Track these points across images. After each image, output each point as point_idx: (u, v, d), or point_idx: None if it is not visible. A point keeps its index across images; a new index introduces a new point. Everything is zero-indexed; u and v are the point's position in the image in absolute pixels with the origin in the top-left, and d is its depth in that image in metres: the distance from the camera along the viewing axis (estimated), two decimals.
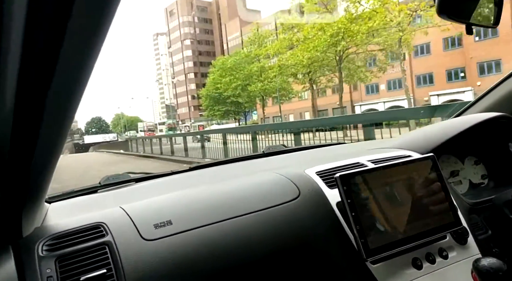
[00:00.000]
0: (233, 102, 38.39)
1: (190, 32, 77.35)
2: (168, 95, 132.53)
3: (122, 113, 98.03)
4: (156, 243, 0.76)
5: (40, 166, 0.56)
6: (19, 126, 0.44)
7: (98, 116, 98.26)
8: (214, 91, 38.85)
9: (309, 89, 29.93)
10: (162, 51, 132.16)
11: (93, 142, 72.32)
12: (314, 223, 0.91)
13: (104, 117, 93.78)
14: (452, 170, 1.33)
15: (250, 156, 1.50)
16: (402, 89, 25.85)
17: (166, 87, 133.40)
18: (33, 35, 0.33)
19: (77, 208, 0.96)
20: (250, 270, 0.80)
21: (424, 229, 0.92)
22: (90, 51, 0.38)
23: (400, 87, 29.77)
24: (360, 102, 35.26)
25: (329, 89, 34.45)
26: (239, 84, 35.82)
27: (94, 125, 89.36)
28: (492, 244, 1.07)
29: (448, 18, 0.87)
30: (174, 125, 55.16)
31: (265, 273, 0.82)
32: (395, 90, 32.38)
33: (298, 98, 37.63)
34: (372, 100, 34.58)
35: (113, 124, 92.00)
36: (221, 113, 40.50)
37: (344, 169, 1.05)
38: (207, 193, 0.97)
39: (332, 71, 26.73)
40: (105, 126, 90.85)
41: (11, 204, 0.62)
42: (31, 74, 0.37)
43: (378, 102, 33.28)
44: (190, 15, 76.39)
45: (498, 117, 1.27)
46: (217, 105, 39.78)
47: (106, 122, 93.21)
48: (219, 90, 38.10)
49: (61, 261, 0.70)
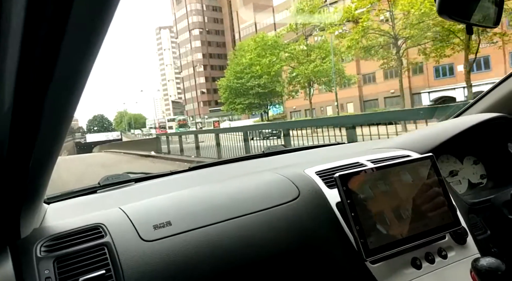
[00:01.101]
0: (257, 94, 33.27)
1: (198, 21, 70.37)
2: (172, 91, 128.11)
3: (125, 110, 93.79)
4: (155, 244, 0.76)
5: (39, 166, 0.56)
6: (18, 126, 0.44)
7: (100, 113, 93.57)
8: (236, 81, 33.57)
9: (386, 67, 22.29)
10: (165, 45, 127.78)
11: (96, 141, 67.80)
12: (314, 223, 0.91)
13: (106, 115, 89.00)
14: (451, 170, 1.33)
15: (250, 156, 1.49)
16: (490, 71, 20.12)
17: (169, 83, 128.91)
18: (32, 36, 0.33)
19: (76, 208, 0.96)
20: (250, 270, 0.81)
21: (423, 229, 0.93)
22: (89, 51, 0.38)
23: (487, 68, 23.04)
24: (427, 88, 27.47)
25: (380, 71, 27.20)
26: (280, 67, 28.85)
27: (96, 123, 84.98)
28: (491, 244, 1.07)
29: (448, 18, 0.87)
30: (185, 121, 49.34)
31: (265, 273, 0.82)
32: (479, 72, 23.10)
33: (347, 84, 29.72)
34: (444, 85, 26.51)
35: (116, 122, 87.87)
36: (243, 107, 35.17)
37: (344, 169, 1.05)
38: (206, 194, 0.96)
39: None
40: (108, 124, 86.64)
41: (9, 205, 0.62)
42: (30, 74, 0.37)
43: (455, 88, 25.18)
44: (198, 3, 69.99)
45: (497, 117, 1.28)
46: (238, 97, 34.43)
47: (109, 120, 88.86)
48: (242, 80, 33.05)
49: (60, 262, 0.70)
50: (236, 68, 33.98)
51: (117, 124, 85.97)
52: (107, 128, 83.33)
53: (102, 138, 69.29)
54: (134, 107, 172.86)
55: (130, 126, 76.00)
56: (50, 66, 0.37)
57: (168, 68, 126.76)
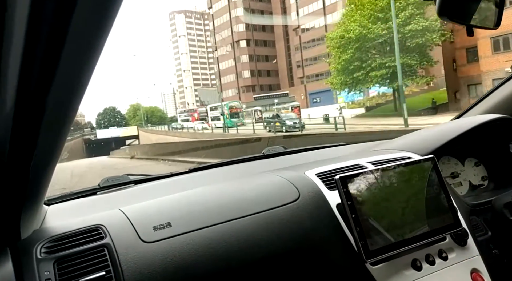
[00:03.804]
0: (390, 67, 20.13)
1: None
2: (188, 83, 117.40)
3: (138, 103, 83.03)
4: (155, 245, 0.76)
5: (39, 167, 0.56)
6: (19, 127, 0.44)
7: (112, 106, 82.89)
8: (367, 30, 20.88)
9: None
10: (180, 32, 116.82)
11: (108, 138, 55.08)
12: (314, 225, 0.91)
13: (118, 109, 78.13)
14: (452, 172, 1.33)
15: (250, 157, 1.47)
16: None
17: (185, 73, 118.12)
18: (34, 37, 0.33)
19: (76, 210, 0.96)
20: (250, 272, 0.81)
21: (424, 231, 0.93)
22: (91, 52, 0.38)
23: None
24: None
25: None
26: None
27: (108, 117, 74.10)
28: (492, 246, 1.07)
29: (449, 20, 0.87)
30: (239, 109, 33.96)
31: (265, 275, 0.82)
32: None
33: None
34: None
35: (129, 116, 77.13)
36: (372, 76, 21.62)
37: (344, 171, 1.05)
38: (206, 195, 0.97)
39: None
40: (121, 118, 75.70)
41: (10, 206, 0.62)
42: (32, 76, 0.37)
43: None
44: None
45: (498, 119, 1.27)
46: (363, 60, 21.65)
47: (121, 113, 78.03)
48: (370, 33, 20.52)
49: (60, 263, 0.70)
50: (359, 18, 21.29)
51: (130, 118, 75.24)
52: (120, 122, 72.82)
53: (116, 133, 57.88)
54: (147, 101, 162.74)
55: (147, 120, 65.09)
56: (52, 68, 0.37)
57: (183, 57, 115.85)
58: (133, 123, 67.71)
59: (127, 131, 57.53)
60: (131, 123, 70.56)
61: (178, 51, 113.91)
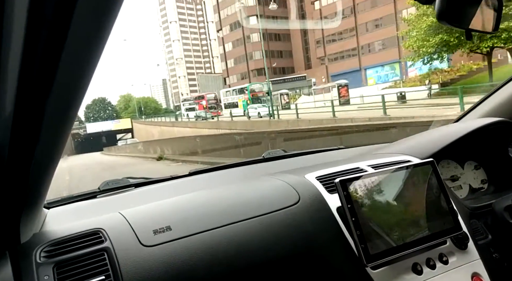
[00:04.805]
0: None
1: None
2: (181, 72, 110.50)
3: (129, 93, 76.46)
4: (155, 249, 0.76)
5: (39, 170, 0.56)
6: (19, 130, 0.44)
7: (102, 97, 75.87)
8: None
9: None
10: (171, 17, 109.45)
11: (99, 132, 48.04)
12: (314, 228, 0.91)
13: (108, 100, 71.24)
14: (452, 175, 1.32)
15: (250, 161, 1.47)
16: None
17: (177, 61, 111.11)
18: (34, 39, 0.33)
19: (76, 213, 0.96)
20: (250, 275, 0.80)
21: (424, 234, 0.93)
22: (91, 54, 0.38)
23: None
24: None
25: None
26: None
27: (97, 108, 67.13)
28: (492, 249, 1.07)
29: (448, 24, 0.88)
30: (261, 92, 28.13)
31: (265, 279, 0.82)
32: None
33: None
34: None
35: (120, 109, 70.47)
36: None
37: (344, 174, 1.05)
38: (206, 199, 0.96)
39: None
40: (112, 110, 68.86)
41: (9, 210, 0.61)
42: (32, 77, 0.37)
43: None
44: None
45: (498, 122, 1.27)
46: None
47: (112, 104, 71.23)
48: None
49: (59, 267, 0.70)
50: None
51: (121, 110, 68.66)
52: (111, 115, 66.05)
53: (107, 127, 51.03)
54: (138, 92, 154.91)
55: (141, 112, 58.67)
56: (51, 70, 0.36)
57: (175, 44, 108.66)
58: (125, 116, 61.26)
59: (119, 124, 51.34)
60: (122, 115, 64.08)
61: (170, 37, 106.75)
